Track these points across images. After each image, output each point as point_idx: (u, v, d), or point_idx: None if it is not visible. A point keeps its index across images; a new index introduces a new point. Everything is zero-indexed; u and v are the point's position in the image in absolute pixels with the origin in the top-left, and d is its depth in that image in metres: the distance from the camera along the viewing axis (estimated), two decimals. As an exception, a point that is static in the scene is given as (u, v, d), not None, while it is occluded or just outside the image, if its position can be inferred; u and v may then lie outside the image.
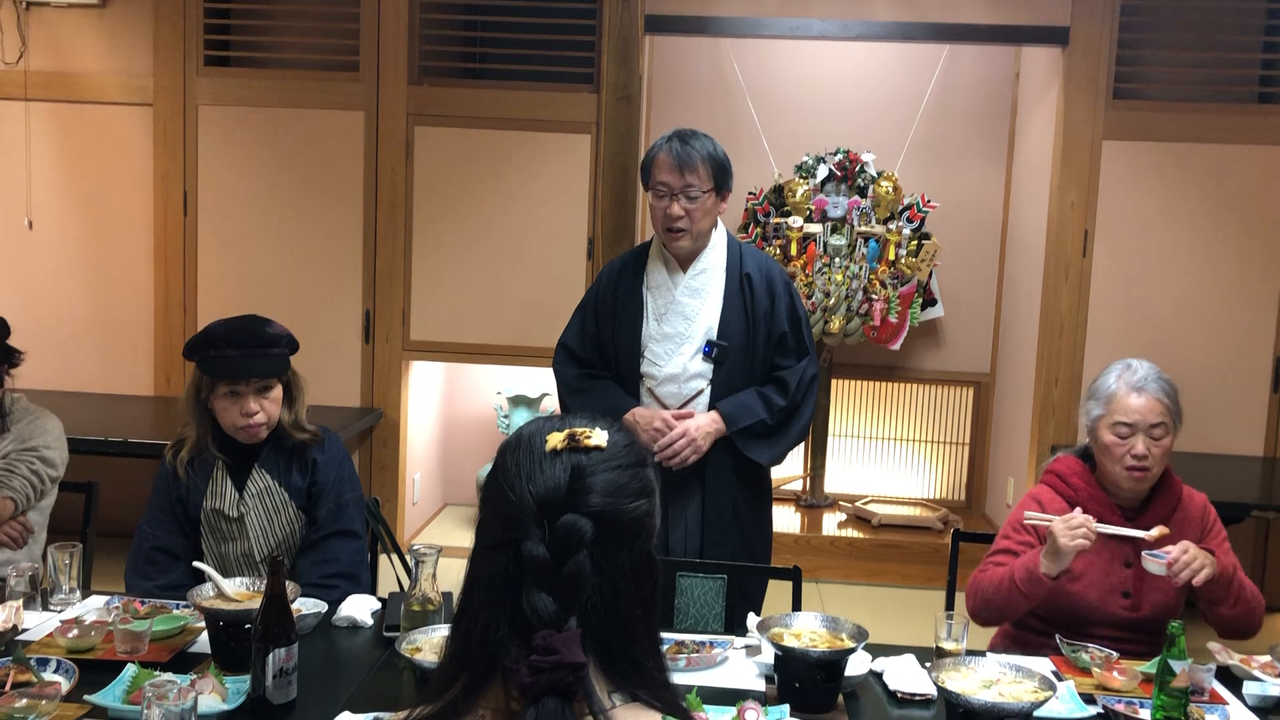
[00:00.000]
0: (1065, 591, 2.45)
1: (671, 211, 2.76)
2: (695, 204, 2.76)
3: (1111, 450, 2.44)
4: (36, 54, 4.85)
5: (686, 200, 2.76)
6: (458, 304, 4.85)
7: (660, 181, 2.78)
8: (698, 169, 2.75)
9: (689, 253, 2.85)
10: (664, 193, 2.77)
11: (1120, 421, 2.43)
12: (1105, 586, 2.46)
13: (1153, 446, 2.42)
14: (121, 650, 2.09)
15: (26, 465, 2.84)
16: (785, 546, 5.00)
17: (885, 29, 4.71)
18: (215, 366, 2.50)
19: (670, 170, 2.76)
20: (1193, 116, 4.57)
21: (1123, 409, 2.43)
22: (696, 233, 2.80)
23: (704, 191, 2.76)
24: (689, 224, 2.77)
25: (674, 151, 2.76)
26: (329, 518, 2.59)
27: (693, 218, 2.77)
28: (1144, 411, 2.42)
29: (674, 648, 2.25)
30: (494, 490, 1.19)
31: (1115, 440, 2.43)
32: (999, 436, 5.58)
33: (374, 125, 4.78)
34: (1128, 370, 2.48)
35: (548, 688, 1.08)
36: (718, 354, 2.81)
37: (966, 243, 5.57)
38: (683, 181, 2.75)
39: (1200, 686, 2.14)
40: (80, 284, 4.96)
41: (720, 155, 2.81)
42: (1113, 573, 2.46)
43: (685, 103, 5.54)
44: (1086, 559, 2.45)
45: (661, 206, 2.78)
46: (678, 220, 2.76)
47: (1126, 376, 2.47)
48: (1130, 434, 2.42)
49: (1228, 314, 4.63)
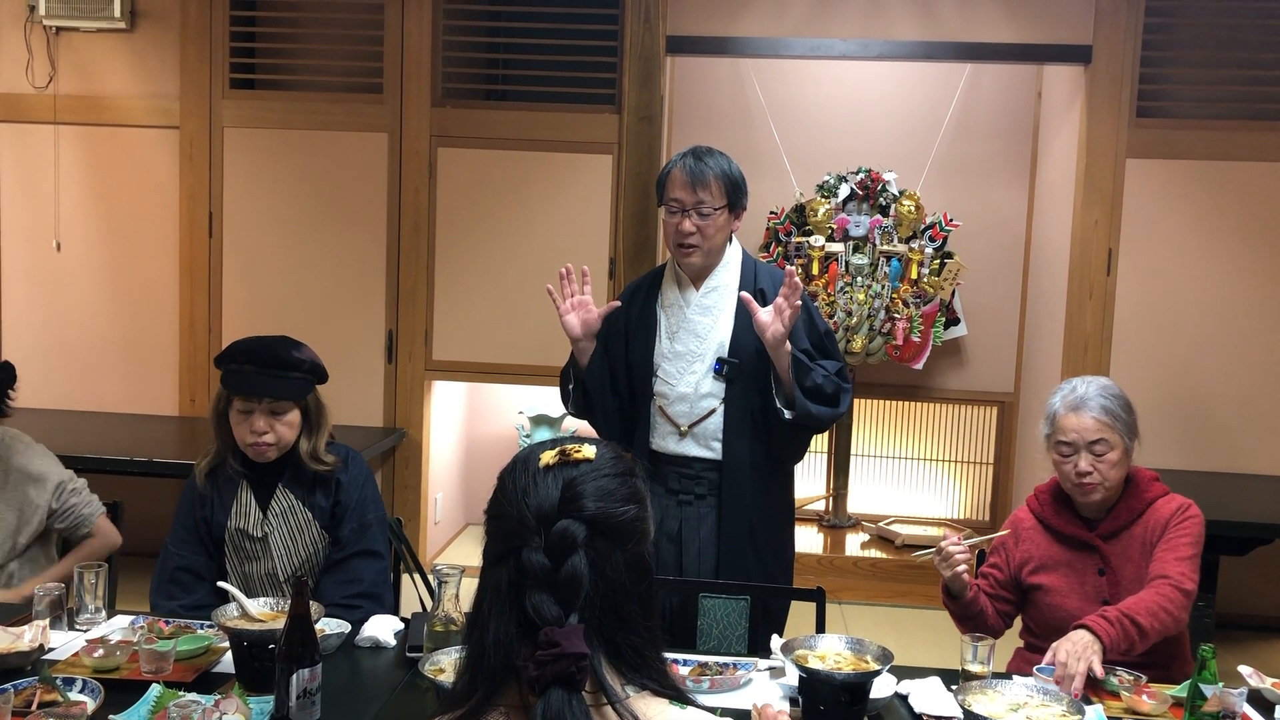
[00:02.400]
0: (1046, 605, 2.54)
1: (683, 227, 2.76)
2: (707, 220, 2.76)
3: (1059, 468, 2.55)
4: (65, 78, 4.92)
5: (699, 217, 2.75)
6: (480, 324, 4.86)
7: (673, 198, 2.78)
8: (710, 186, 2.75)
9: (701, 270, 2.85)
10: (676, 209, 2.77)
11: (1061, 440, 2.53)
12: (1082, 595, 2.51)
13: (1096, 462, 2.48)
14: (146, 670, 2.10)
15: (75, 496, 2.86)
16: (808, 567, 4.97)
17: (906, 48, 4.71)
18: (232, 381, 2.52)
19: (683, 186, 2.76)
20: (1217, 134, 4.54)
21: (1061, 428, 2.54)
22: (708, 249, 2.80)
23: (716, 208, 2.76)
24: (700, 240, 2.77)
25: (688, 168, 2.76)
26: (352, 537, 2.60)
27: (704, 234, 2.77)
28: (1081, 430, 2.50)
29: (697, 669, 2.24)
30: (496, 509, 1.29)
31: (1059, 458, 2.54)
32: (1023, 456, 5.54)
33: (397, 147, 4.81)
34: (1072, 392, 2.57)
35: (553, 679, 1.16)
36: (728, 371, 2.79)
37: (989, 261, 5.55)
38: (695, 198, 2.75)
39: (1231, 711, 2.11)
40: (106, 304, 5.00)
41: (735, 173, 2.81)
42: (1087, 582, 2.52)
43: (707, 123, 5.55)
44: (1059, 572, 2.55)
45: (674, 222, 2.78)
46: (689, 236, 2.76)
47: (1067, 396, 2.57)
48: (1072, 452, 2.51)
49: (1254, 333, 4.59)
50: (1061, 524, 2.57)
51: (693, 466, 2.84)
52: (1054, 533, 2.58)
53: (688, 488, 2.84)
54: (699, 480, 2.84)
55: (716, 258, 2.85)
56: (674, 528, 2.84)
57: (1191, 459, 4.55)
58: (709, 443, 2.83)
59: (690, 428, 2.83)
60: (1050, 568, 2.56)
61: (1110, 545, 2.52)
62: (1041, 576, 2.56)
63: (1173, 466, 4.45)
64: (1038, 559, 2.58)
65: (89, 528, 2.86)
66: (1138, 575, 2.48)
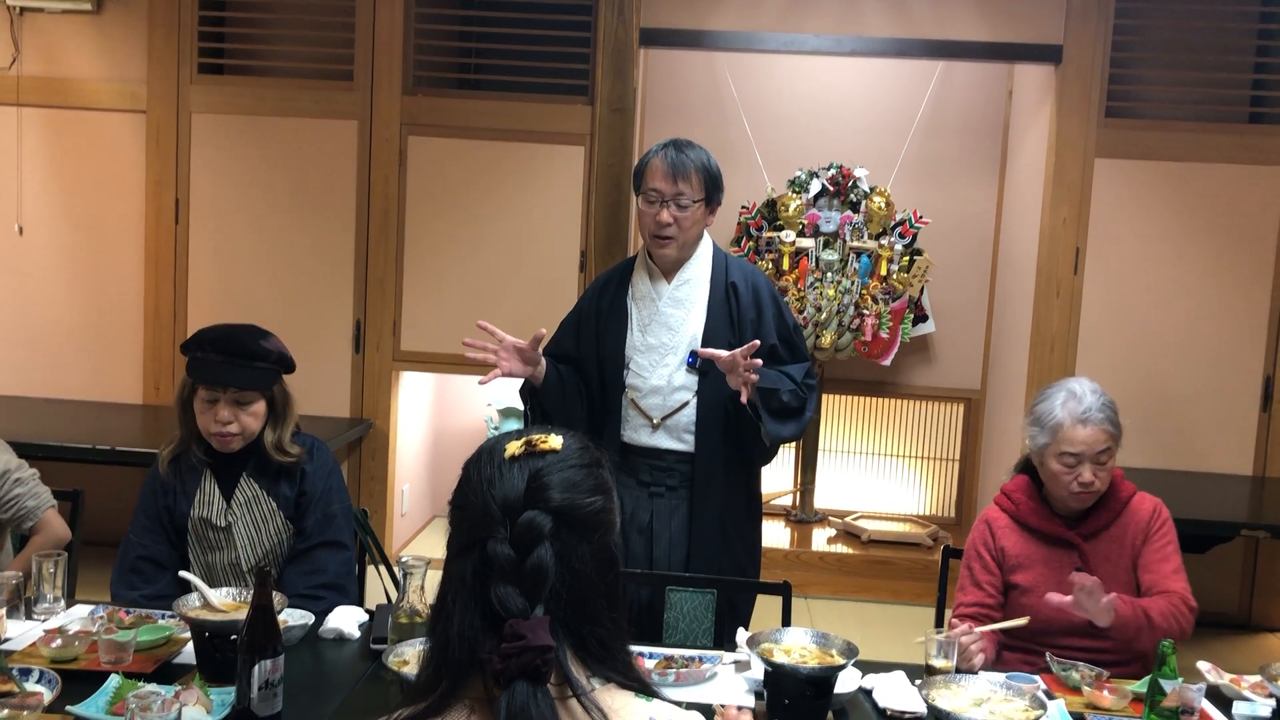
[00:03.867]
0: (1022, 604, 2.52)
1: (661, 218, 2.76)
2: (685, 213, 2.76)
3: (1059, 478, 2.49)
4: (30, 60, 4.84)
5: (677, 208, 2.75)
6: (449, 314, 4.84)
7: (652, 188, 2.77)
8: (690, 177, 2.75)
9: (674, 263, 2.85)
10: (655, 199, 2.77)
11: (1067, 452, 2.46)
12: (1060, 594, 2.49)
13: (1098, 471, 2.46)
14: (105, 661, 2.07)
15: (20, 486, 2.77)
16: (775, 561, 4.98)
17: (879, 45, 4.72)
18: (197, 369, 2.50)
19: (664, 177, 2.76)
20: (1184, 135, 4.59)
21: (1069, 440, 2.45)
22: (683, 242, 2.80)
23: (695, 201, 2.76)
24: (677, 232, 2.77)
25: (669, 159, 2.76)
26: (317, 528, 2.58)
27: (681, 226, 2.77)
28: (1090, 442, 2.45)
29: (662, 662, 2.24)
30: (461, 500, 1.27)
31: (1063, 469, 2.47)
32: (989, 453, 5.58)
33: (367, 134, 4.77)
34: (1073, 399, 2.49)
35: (518, 672, 1.15)
36: (701, 364, 2.80)
37: (958, 259, 5.58)
38: (675, 189, 2.75)
39: (1190, 706, 2.13)
40: (70, 290, 4.94)
41: (714, 167, 2.82)
42: (1064, 581, 2.48)
43: (679, 116, 5.55)
44: (1036, 571, 2.53)
45: (651, 213, 2.78)
46: (666, 228, 2.76)
47: (1072, 407, 2.48)
48: (1077, 463, 2.46)
49: (1218, 333, 4.64)
50: (1040, 522, 2.55)
51: (664, 459, 2.84)
52: (1031, 531, 2.56)
53: (659, 480, 2.84)
54: (670, 472, 2.84)
55: (690, 250, 2.85)
56: (645, 520, 2.84)
57: (1154, 457, 4.60)
58: (681, 435, 2.83)
59: (663, 420, 2.83)
60: (1027, 566, 2.55)
61: (1090, 545, 2.52)
62: (1019, 576, 2.55)
63: (1135, 465, 4.50)
64: (1015, 556, 2.56)
65: (34, 521, 2.74)
66: (1115, 575, 2.48)
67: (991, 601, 2.57)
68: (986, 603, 2.56)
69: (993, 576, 2.58)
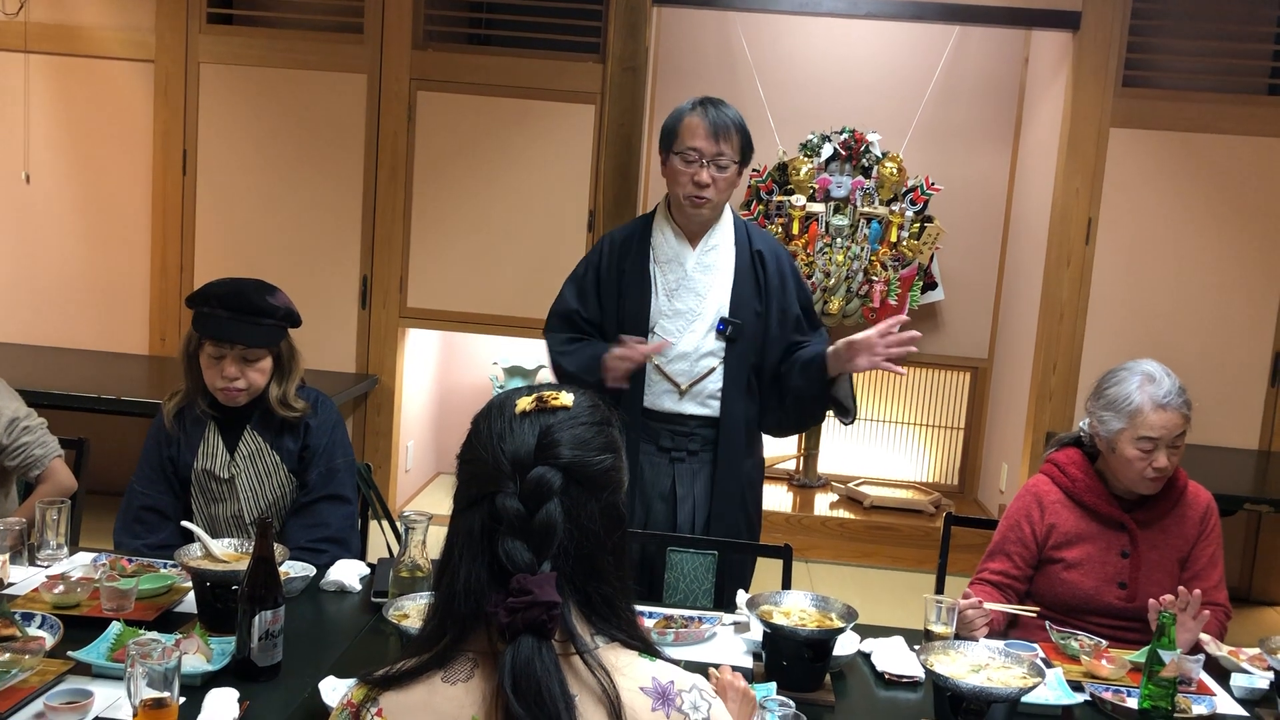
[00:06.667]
0: (1062, 579, 2.47)
1: (700, 179, 2.69)
2: (724, 174, 2.71)
3: (1133, 464, 2.41)
4: (38, 6, 4.80)
5: (716, 169, 2.70)
6: (456, 272, 4.82)
7: (691, 146, 2.70)
8: (732, 137, 2.70)
9: (702, 225, 2.80)
10: (694, 158, 2.70)
11: (1146, 437, 2.38)
12: (1102, 576, 2.46)
13: (1173, 455, 2.41)
14: (107, 608, 2.08)
15: (28, 435, 2.78)
16: (777, 525, 5.00)
17: (895, 8, 4.66)
18: (204, 324, 2.48)
19: (705, 136, 2.69)
20: (1202, 106, 4.54)
21: (1148, 425, 2.38)
22: (718, 203, 2.76)
23: (734, 162, 2.72)
24: (714, 193, 2.72)
25: (710, 116, 2.69)
26: (319, 482, 2.58)
27: (718, 187, 2.72)
28: (1170, 427, 2.38)
29: (662, 622, 2.25)
30: (470, 454, 1.27)
31: (1138, 454, 2.40)
32: (994, 422, 5.57)
33: (376, 89, 4.74)
34: (1150, 382, 2.40)
35: (524, 626, 1.15)
36: (731, 331, 2.77)
37: (969, 227, 5.54)
38: (716, 149, 2.69)
39: (1188, 677, 2.14)
40: (77, 240, 4.93)
41: (745, 128, 2.76)
42: (1109, 562, 2.46)
43: (691, 76, 5.50)
44: (1084, 548, 2.47)
45: (690, 172, 2.70)
46: (705, 188, 2.70)
47: (1151, 391, 2.39)
48: (1153, 448, 2.39)
49: (1228, 306, 4.61)
50: (1096, 501, 2.48)
51: (687, 424, 2.81)
52: (1085, 508, 2.50)
53: (680, 445, 2.81)
54: (693, 437, 2.81)
55: (719, 212, 2.81)
56: (666, 486, 2.81)
57: (1160, 430, 4.59)
58: (706, 401, 2.80)
59: (689, 386, 2.80)
60: (1076, 543, 2.48)
61: (1144, 530, 2.47)
62: (1067, 551, 2.49)
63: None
64: (1065, 532, 2.50)
65: (40, 469, 2.76)
66: (1161, 562, 2.45)
67: (1017, 573, 2.52)
68: (1012, 574, 2.52)
69: (1026, 550, 2.52)
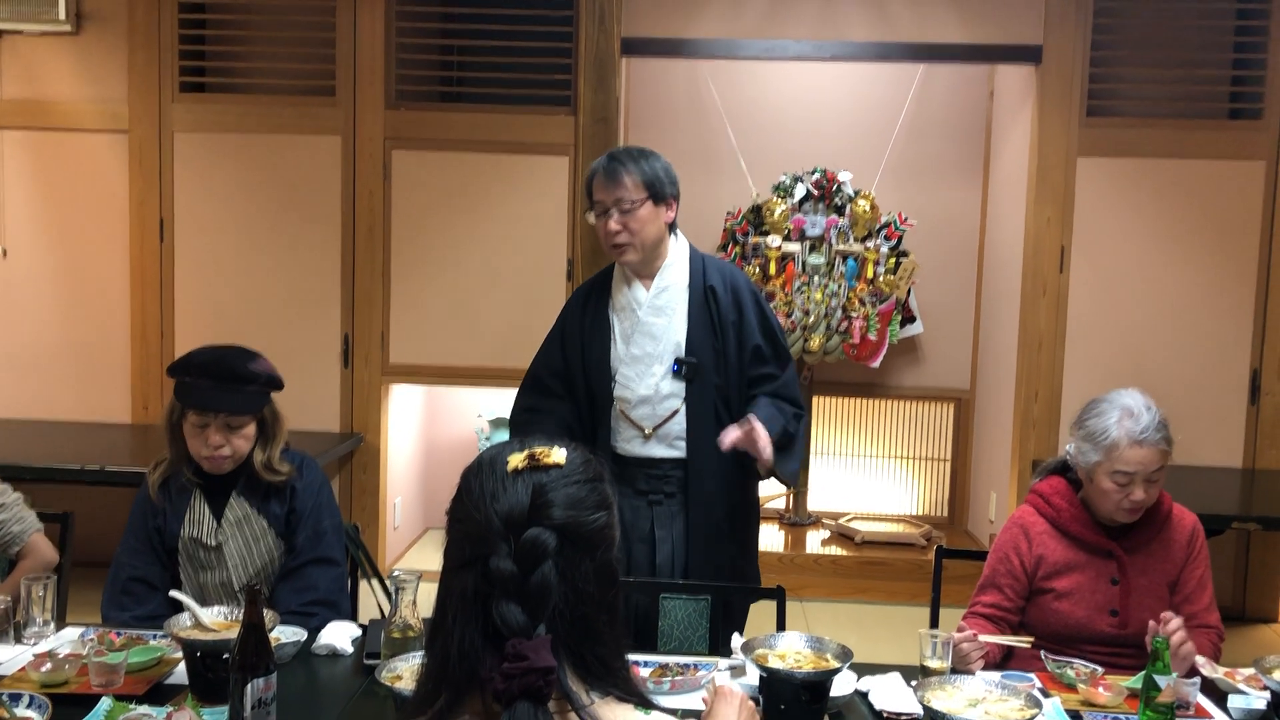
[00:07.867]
0: (1053, 609, 2.47)
1: (609, 227, 2.77)
2: (630, 215, 2.75)
3: (1109, 496, 2.41)
4: (10, 82, 4.83)
5: (620, 214, 2.76)
6: (437, 327, 4.83)
7: (595, 200, 2.80)
8: (623, 181, 2.75)
9: (647, 268, 2.84)
10: (600, 210, 2.79)
11: (1121, 471, 2.38)
12: (1093, 604, 2.45)
13: (1150, 489, 2.41)
14: (96, 683, 2.06)
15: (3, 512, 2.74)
16: (769, 565, 4.96)
17: (860, 49, 4.74)
18: (187, 394, 2.48)
19: (601, 187, 2.78)
20: (1166, 132, 4.61)
21: (1123, 460, 2.37)
22: (641, 244, 2.78)
23: (635, 201, 2.75)
24: (629, 237, 2.77)
25: (603, 166, 2.79)
26: (307, 545, 2.57)
27: (631, 230, 2.76)
28: (1145, 463, 2.38)
29: (658, 671, 2.23)
30: (460, 512, 1.25)
31: (1114, 488, 2.40)
32: (980, 452, 5.59)
33: (351, 150, 4.77)
34: (1129, 417, 2.39)
35: (520, 692, 1.14)
36: (687, 371, 2.79)
37: (944, 260, 5.59)
38: (613, 196, 2.76)
39: (1185, 701, 2.14)
40: (56, 311, 4.92)
41: (652, 164, 2.79)
42: (1099, 590, 2.46)
43: (662, 124, 5.56)
44: (1073, 578, 2.47)
45: (601, 225, 2.79)
46: (617, 235, 2.76)
47: (1128, 426, 2.37)
48: (1128, 482, 2.39)
49: (1205, 327, 4.66)
50: (1081, 530, 2.48)
51: (659, 467, 2.83)
52: (1072, 538, 2.50)
53: (656, 487, 2.84)
54: (666, 479, 2.84)
55: (656, 252, 2.83)
56: (646, 529, 2.83)
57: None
58: (673, 442, 2.82)
59: (654, 430, 2.82)
60: (1065, 572, 2.48)
61: (1131, 556, 2.47)
62: (1056, 581, 2.49)
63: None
64: (1053, 563, 2.50)
65: (19, 545, 2.70)
66: (1151, 587, 2.45)
67: (1009, 605, 2.51)
68: (1004, 605, 2.51)
69: (1017, 582, 2.51)
